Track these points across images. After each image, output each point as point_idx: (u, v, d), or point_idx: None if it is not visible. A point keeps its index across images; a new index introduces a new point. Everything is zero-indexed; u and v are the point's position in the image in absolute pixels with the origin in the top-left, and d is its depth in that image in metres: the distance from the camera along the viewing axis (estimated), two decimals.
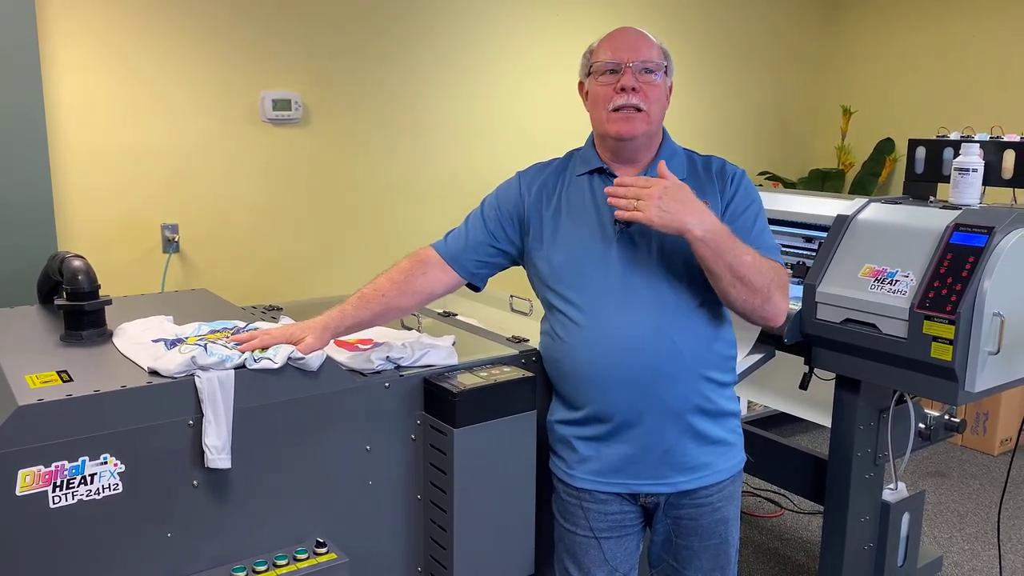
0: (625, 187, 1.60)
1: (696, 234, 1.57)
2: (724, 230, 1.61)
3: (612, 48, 1.72)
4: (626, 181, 1.62)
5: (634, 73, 1.69)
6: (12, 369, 1.49)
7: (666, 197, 1.56)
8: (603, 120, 1.72)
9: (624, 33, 1.75)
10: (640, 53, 1.70)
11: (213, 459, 1.44)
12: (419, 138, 3.72)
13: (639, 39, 1.73)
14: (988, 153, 2.26)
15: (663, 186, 1.58)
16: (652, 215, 1.56)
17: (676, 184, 1.60)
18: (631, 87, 1.68)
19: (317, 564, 1.53)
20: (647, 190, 1.57)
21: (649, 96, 1.70)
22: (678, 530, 1.80)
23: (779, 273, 1.70)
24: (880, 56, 5.01)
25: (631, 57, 1.69)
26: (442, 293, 1.82)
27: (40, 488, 1.32)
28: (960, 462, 4.14)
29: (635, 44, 1.72)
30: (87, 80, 2.93)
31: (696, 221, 1.57)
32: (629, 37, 1.73)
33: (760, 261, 1.65)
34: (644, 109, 1.69)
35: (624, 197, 1.59)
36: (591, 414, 1.74)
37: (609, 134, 1.72)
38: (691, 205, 1.58)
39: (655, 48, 1.73)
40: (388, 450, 1.69)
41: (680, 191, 1.59)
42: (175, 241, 3.16)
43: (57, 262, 1.80)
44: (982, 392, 1.97)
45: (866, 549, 2.41)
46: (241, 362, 1.50)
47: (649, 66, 1.70)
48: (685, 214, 1.56)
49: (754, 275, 1.62)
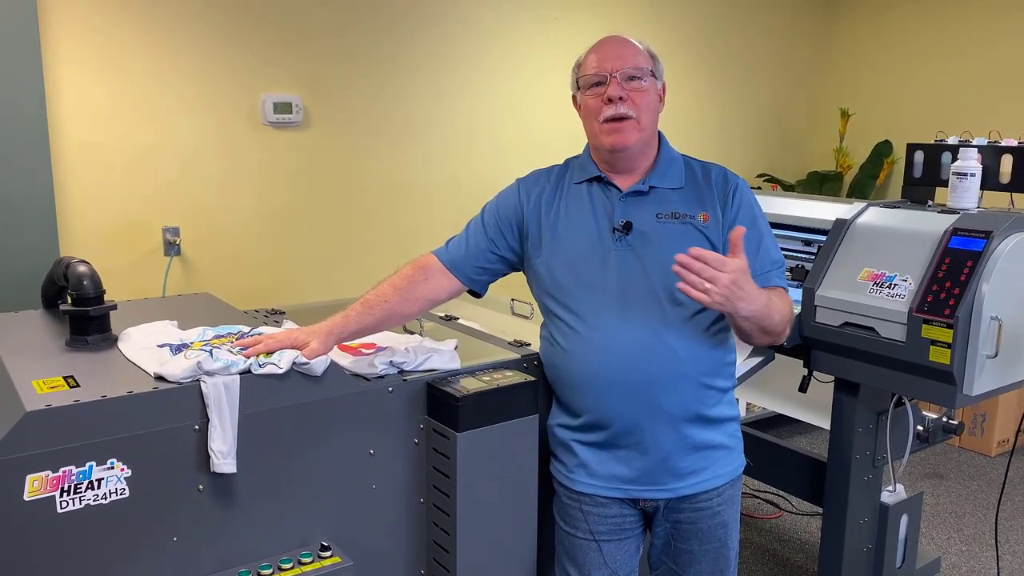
0: (700, 264, 1.52)
1: (743, 315, 1.60)
2: (765, 301, 1.62)
3: (596, 60, 1.72)
4: (703, 256, 1.52)
5: (620, 82, 1.69)
6: (18, 374, 1.50)
7: (733, 287, 1.53)
8: (596, 133, 1.73)
9: (607, 43, 1.75)
10: (624, 61, 1.70)
11: (219, 463, 1.46)
12: (419, 141, 3.74)
13: (622, 47, 1.73)
14: (986, 157, 2.28)
15: (734, 277, 1.53)
16: (715, 301, 1.53)
17: (740, 268, 1.55)
18: (618, 96, 1.68)
19: (321, 567, 1.54)
20: (721, 275, 1.52)
21: (638, 103, 1.70)
22: (678, 534, 1.81)
23: (790, 308, 1.75)
24: (878, 59, 5.03)
25: (615, 66, 1.70)
26: (444, 299, 1.83)
27: (48, 493, 1.33)
28: (958, 464, 4.16)
29: (618, 53, 1.72)
30: (89, 83, 2.94)
31: (745, 306, 1.57)
32: (612, 46, 1.74)
33: (784, 312, 1.70)
34: (633, 116, 1.70)
35: (697, 274, 1.52)
36: (590, 421, 1.75)
37: (604, 147, 1.73)
38: (747, 291, 1.56)
39: (640, 54, 1.73)
40: (391, 454, 1.71)
41: (743, 276, 1.55)
42: (176, 244, 3.17)
43: (62, 267, 1.81)
44: (980, 395, 1.98)
45: (865, 550, 2.42)
46: (246, 367, 1.51)
47: (634, 73, 1.70)
48: (740, 300, 1.55)
49: (779, 327, 1.69)
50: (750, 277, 1.58)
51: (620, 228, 1.72)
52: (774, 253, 1.78)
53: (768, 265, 1.75)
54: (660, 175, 1.76)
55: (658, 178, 1.76)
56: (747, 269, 1.58)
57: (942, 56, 4.72)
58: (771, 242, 1.79)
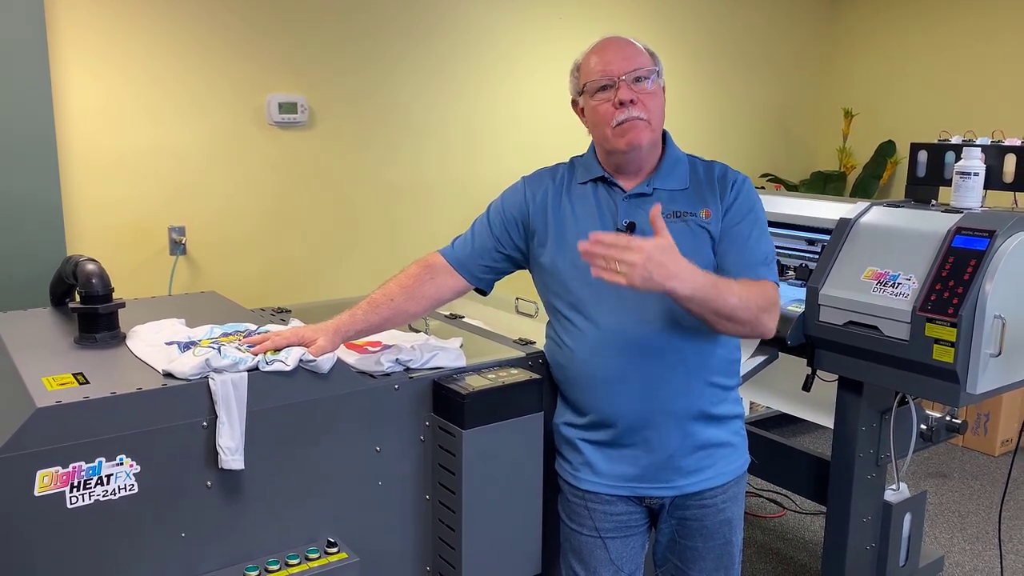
0: (604, 246, 1.47)
1: (682, 295, 1.51)
2: (708, 282, 1.54)
3: (601, 63, 1.71)
4: (605, 239, 1.48)
5: (628, 85, 1.68)
6: (28, 371, 1.51)
7: (651, 263, 1.45)
8: (608, 137, 1.72)
9: (609, 45, 1.73)
10: (630, 63, 1.69)
11: (227, 460, 1.47)
12: (425, 140, 3.75)
13: (625, 48, 1.72)
14: (989, 157, 2.28)
15: (646, 254, 1.45)
16: (636, 282, 1.46)
17: (659, 246, 1.48)
18: (629, 100, 1.68)
19: (328, 563, 1.55)
20: (632, 256, 1.45)
21: (648, 105, 1.70)
22: (683, 531, 1.82)
23: (765, 296, 1.65)
24: (881, 58, 5.03)
25: (621, 69, 1.68)
26: (450, 298, 1.84)
27: (58, 489, 1.34)
28: (961, 463, 4.16)
29: (623, 55, 1.70)
30: (94, 84, 2.95)
31: (680, 283, 1.49)
32: (615, 49, 1.72)
33: (747, 293, 1.60)
34: (645, 118, 1.70)
35: (603, 256, 1.47)
36: (596, 419, 1.76)
37: (619, 149, 1.72)
38: (675, 267, 1.49)
39: (642, 54, 1.72)
40: (397, 451, 1.72)
41: (663, 253, 1.48)
42: (182, 243, 3.18)
43: (71, 266, 1.83)
44: (983, 394, 1.99)
45: (868, 549, 2.43)
46: (254, 364, 1.53)
47: (640, 74, 1.69)
48: (669, 278, 1.48)
49: (740, 312, 1.59)
50: (676, 253, 1.49)
51: (624, 229, 1.72)
52: (765, 247, 1.74)
53: (758, 257, 1.71)
54: (664, 176, 1.76)
55: (662, 179, 1.76)
56: (667, 247, 1.48)
57: (945, 56, 4.72)
58: (763, 235, 1.75)
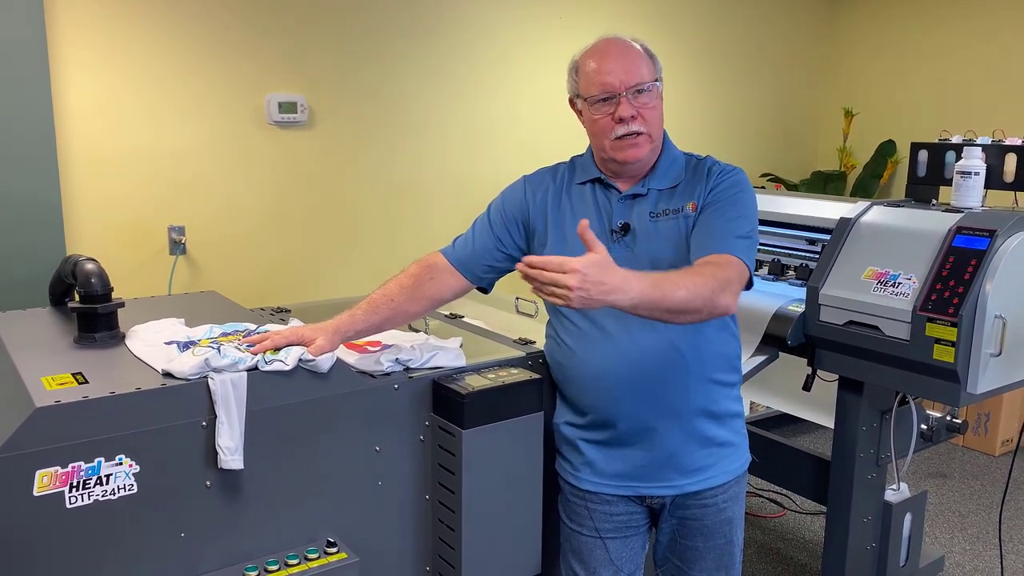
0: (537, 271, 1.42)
1: (625, 306, 1.46)
2: (649, 285, 1.47)
3: (601, 74, 1.67)
4: (535, 262, 1.42)
5: (629, 100, 1.66)
6: (27, 371, 1.51)
7: (586, 282, 1.39)
8: (606, 148, 1.71)
9: (609, 53, 1.69)
10: (631, 76, 1.66)
11: (226, 460, 1.47)
12: (424, 139, 3.74)
13: (626, 57, 1.69)
14: (990, 157, 2.28)
15: (580, 275, 1.38)
16: (574, 304, 1.41)
17: (591, 263, 1.40)
18: (630, 116, 1.66)
19: (328, 563, 1.55)
20: (566, 279, 1.38)
21: (648, 118, 1.68)
22: (683, 531, 1.82)
23: (720, 275, 1.57)
24: (881, 58, 5.03)
25: (623, 83, 1.66)
26: (450, 298, 1.84)
27: (57, 488, 1.34)
28: (961, 463, 4.16)
29: (624, 65, 1.67)
30: (95, 84, 2.95)
31: (621, 295, 1.43)
32: (616, 58, 1.68)
33: (696, 280, 1.53)
34: (646, 132, 1.69)
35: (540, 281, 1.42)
36: (597, 419, 1.76)
37: (616, 160, 1.72)
38: (611, 281, 1.41)
39: (643, 61, 1.70)
40: (397, 451, 1.71)
41: (598, 270, 1.40)
42: (182, 243, 3.18)
43: (70, 265, 1.82)
44: (984, 394, 1.99)
45: (868, 549, 2.43)
46: (253, 364, 1.52)
47: (642, 87, 1.67)
48: (607, 293, 1.41)
49: (692, 302, 1.52)
50: (611, 267, 1.42)
51: (618, 230, 1.73)
52: (740, 227, 1.66)
53: (726, 232, 1.64)
54: (660, 177, 1.75)
55: (657, 180, 1.75)
56: (601, 262, 1.42)
57: (946, 55, 4.72)
58: (740, 218, 1.67)
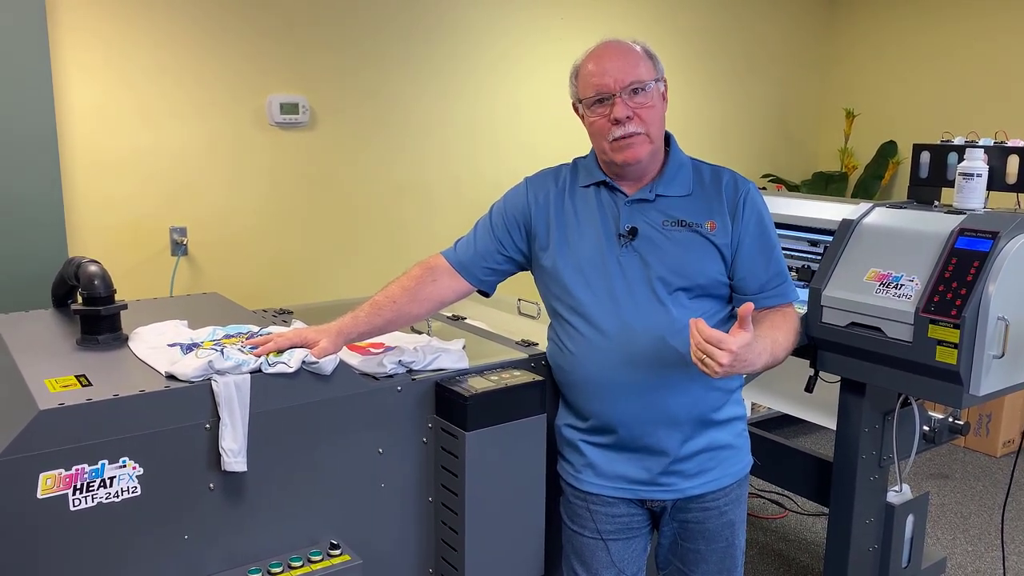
0: (699, 342, 1.49)
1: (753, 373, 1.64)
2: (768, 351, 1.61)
3: (596, 75, 1.67)
4: (706, 334, 1.49)
5: (624, 101, 1.66)
6: (31, 373, 1.51)
7: (735, 364, 1.50)
8: (606, 150, 1.71)
9: (605, 54, 1.69)
10: (626, 75, 1.66)
11: (229, 462, 1.47)
12: (426, 140, 3.75)
13: (622, 57, 1.68)
14: (992, 158, 2.28)
15: (735, 355, 1.48)
16: (717, 375, 1.51)
17: (745, 346, 1.50)
18: (625, 116, 1.66)
19: (331, 566, 1.55)
20: (719, 354, 1.47)
21: (645, 118, 1.68)
22: (685, 533, 1.82)
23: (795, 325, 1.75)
24: (883, 59, 5.03)
25: (618, 83, 1.65)
26: (452, 300, 1.84)
27: (61, 491, 1.34)
28: (963, 464, 4.16)
29: (620, 66, 1.67)
30: (97, 86, 2.96)
31: (752, 369, 1.58)
32: (611, 58, 1.68)
33: (788, 335, 1.70)
34: (643, 132, 1.68)
35: (698, 348, 1.50)
36: (598, 424, 1.76)
37: (615, 162, 1.72)
38: (754, 359, 1.55)
39: (640, 61, 1.69)
40: (400, 453, 1.72)
41: (747, 351, 1.51)
42: (183, 244, 3.18)
43: (73, 267, 1.82)
44: (986, 395, 1.98)
45: (870, 550, 2.43)
46: (257, 366, 1.52)
47: (637, 86, 1.66)
48: (747, 367, 1.55)
49: (782, 358, 1.70)
50: (755, 347, 1.54)
51: (626, 234, 1.72)
52: (782, 263, 1.78)
53: (777, 279, 1.76)
54: (667, 182, 1.75)
55: (664, 186, 1.74)
56: (751, 342, 1.52)
57: (947, 56, 4.72)
58: (775, 247, 1.78)
